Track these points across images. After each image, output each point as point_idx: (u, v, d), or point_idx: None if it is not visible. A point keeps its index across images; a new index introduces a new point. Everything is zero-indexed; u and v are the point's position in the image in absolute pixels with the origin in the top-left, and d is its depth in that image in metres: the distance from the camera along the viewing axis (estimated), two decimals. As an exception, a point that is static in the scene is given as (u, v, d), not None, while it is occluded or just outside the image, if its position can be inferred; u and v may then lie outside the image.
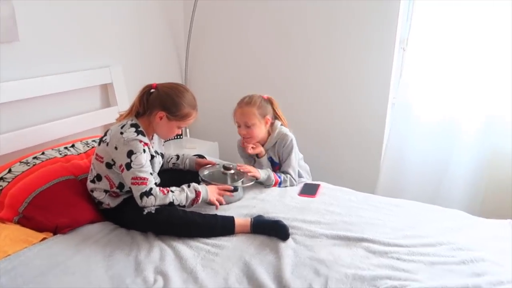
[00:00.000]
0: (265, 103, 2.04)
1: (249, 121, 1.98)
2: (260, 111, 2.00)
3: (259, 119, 2.00)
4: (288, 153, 2.05)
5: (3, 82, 1.95)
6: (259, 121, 2.00)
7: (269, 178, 1.97)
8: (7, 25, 1.93)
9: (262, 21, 2.74)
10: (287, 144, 2.05)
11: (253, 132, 2.00)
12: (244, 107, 1.99)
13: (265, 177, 1.96)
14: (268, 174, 1.97)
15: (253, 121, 1.98)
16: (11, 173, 1.79)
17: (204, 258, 1.45)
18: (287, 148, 2.05)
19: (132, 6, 2.59)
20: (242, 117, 1.99)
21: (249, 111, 1.98)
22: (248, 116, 1.98)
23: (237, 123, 2.04)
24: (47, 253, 1.44)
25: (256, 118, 1.99)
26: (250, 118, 1.98)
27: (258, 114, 1.99)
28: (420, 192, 2.42)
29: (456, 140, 2.31)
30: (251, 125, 1.98)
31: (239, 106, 2.02)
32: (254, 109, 1.98)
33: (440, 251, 1.47)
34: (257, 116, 1.99)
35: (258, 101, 2.01)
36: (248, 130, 2.00)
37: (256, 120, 1.99)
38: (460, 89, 2.25)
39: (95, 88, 2.45)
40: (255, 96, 2.03)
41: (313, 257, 1.44)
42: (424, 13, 2.24)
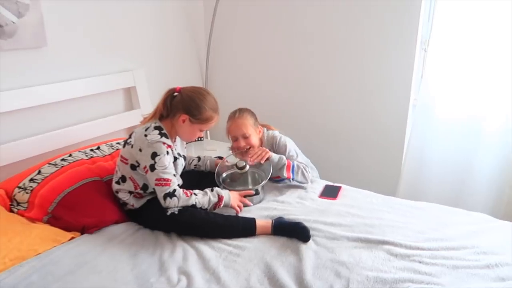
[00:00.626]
0: (251, 112, 2.10)
1: (246, 132, 2.02)
2: (252, 122, 2.06)
3: (254, 128, 2.06)
4: (284, 148, 2.07)
5: (33, 86, 2.03)
6: (255, 130, 2.07)
7: (281, 157, 1.99)
8: (36, 31, 2.01)
9: (281, 23, 2.75)
10: (278, 141, 2.09)
11: (251, 141, 2.04)
12: (239, 119, 2.04)
13: (277, 157, 1.98)
14: (279, 156, 2.00)
15: (250, 130, 2.04)
16: (41, 174, 1.86)
17: (226, 259, 1.48)
18: (280, 144, 2.08)
19: (154, 12, 2.65)
20: (239, 130, 2.03)
21: (244, 122, 2.03)
22: (245, 127, 2.03)
23: (234, 137, 2.07)
24: (75, 252, 1.49)
25: (251, 127, 2.05)
26: (247, 128, 2.03)
27: (253, 123, 2.06)
28: (442, 194, 2.39)
29: (479, 141, 2.27)
30: (249, 135, 2.03)
31: (233, 120, 2.06)
32: (247, 120, 2.04)
33: (464, 254, 1.45)
34: (252, 125, 2.05)
35: (248, 113, 2.07)
36: (246, 140, 2.04)
37: (252, 129, 2.05)
38: (482, 88, 2.21)
39: (119, 92, 2.52)
40: (243, 109, 2.09)
41: (334, 259, 1.44)
42: (445, 13, 2.21)
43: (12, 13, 1.90)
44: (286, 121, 2.79)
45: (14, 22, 1.91)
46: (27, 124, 2.06)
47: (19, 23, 1.93)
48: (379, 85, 2.52)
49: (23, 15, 1.94)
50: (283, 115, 2.86)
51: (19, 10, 1.93)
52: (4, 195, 1.80)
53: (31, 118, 2.07)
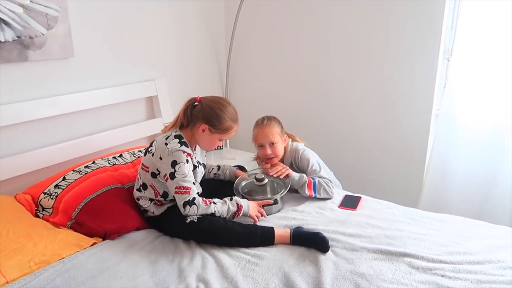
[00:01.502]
0: (279, 123, 2.10)
1: (273, 139, 2.03)
2: (279, 130, 2.07)
3: (280, 136, 2.07)
4: (307, 162, 2.06)
5: (60, 96, 2.10)
6: (281, 138, 2.07)
7: (301, 176, 1.99)
8: (64, 42, 2.08)
9: (301, 34, 2.77)
10: (300, 154, 2.08)
11: (277, 150, 2.05)
12: (266, 127, 2.05)
13: (298, 176, 1.98)
14: (300, 174, 2.00)
15: (277, 138, 2.04)
16: (65, 181, 1.91)
17: (244, 268, 1.48)
18: (302, 158, 2.08)
19: (176, 24, 2.71)
20: (266, 137, 2.04)
21: (271, 130, 2.04)
22: (272, 134, 2.03)
23: (260, 144, 2.07)
24: (97, 258, 1.52)
25: (278, 135, 2.05)
26: (274, 136, 2.03)
27: (280, 131, 2.07)
28: (465, 206, 2.33)
29: (504, 151, 2.21)
30: (276, 143, 2.04)
31: (260, 128, 2.06)
32: (274, 128, 2.05)
33: (488, 269, 1.41)
34: (279, 133, 2.06)
35: (275, 121, 2.08)
36: (272, 148, 2.04)
37: (279, 137, 2.05)
38: (505, 97, 2.16)
39: (141, 101, 2.58)
40: (271, 116, 2.10)
41: (353, 271, 1.42)
42: (468, 22, 2.18)
43: (41, 25, 1.98)
44: (307, 130, 2.79)
45: (43, 34, 1.99)
46: (54, 131, 2.13)
47: (48, 35, 2.01)
48: (401, 94, 2.50)
49: (52, 27, 2.02)
50: (304, 124, 2.86)
51: (48, 23, 2.00)
52: (30, 201, 1.86)
53: (57, 126, 2.14)
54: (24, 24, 1.92)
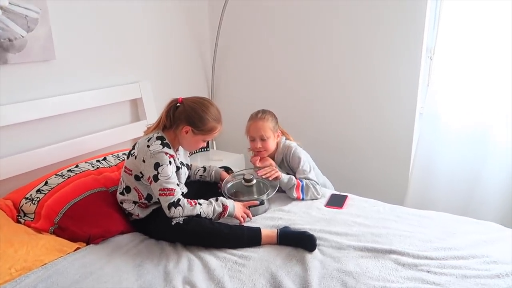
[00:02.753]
0: (274, 116, 2.11)
1: (265, 134, 2.04)
2: (272, 125, 2.07)
3: (273, 132, 2.07)
4: (298, 161, 2.07)
5: (41, 99, 2.06)
6: (273, 134, 2.07)
7: (290, 178, 1.99)
8: (45, 44, 2.04)
9: (286, 34, 2.77)
10: (292, 152, 2.09)
11: (268, 145, 2.06)
12: (259, 121, 2.06)
13: (287, 177, 1.99)
14: (289, 176, 2.00)
15: (269, 134, 2.05)
16: (48, 185, 1.87)
17: (231, 269, 1.47)
18: (294, 156, 2.08)
19: (160, 25, 2.69)
20: (258, 131, 2.05)
21: (264, 125, 2.05)
22: (264, 129, 2.04)
23: (252, 137, 2.08)
24: (81, 263, 1.49)
25: (270, 131, 2.06)
26: (266, 131, 2.04)
27: (272, 127, 2.07)
28: (450, 203, 2.36)
29: (487, 148, 2.24)
30: (267, 138, 2.04)
31: (254, 120, 2.07)
32: (268, 123, 2.05)
33: (473, 264, 1.43)
34: (272, 129, 2.06)
35: (270, 116, 2.09)
36: (263, 143, 2.05)
37: (271, 133, 2.06)
38: (489, 95, 2.19)
39: (125, 103, 2.55)
40: (266, 110, 2.11)
41: (340, 269, 1.42)
42: (451, 21, 2.21)
43: (21, 27, 1.94)
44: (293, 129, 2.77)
45: (23, 36, 1.95)
46: (36, 135, 2.09)
47: (28, 37, 1.97)
48: (385, 93, 2.52)
49: (32, 29, 1.98)
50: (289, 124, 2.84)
51: (28, 25, 1.97)
52: (11, 206, 1.81)
53: (39, 129, 2.10)
54: (2, 26, 1.88)
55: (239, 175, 2.04)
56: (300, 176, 2.05)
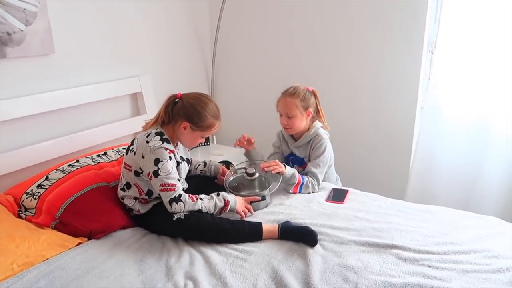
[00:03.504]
0: (309, 96, 2.03)
1: (290, 112, 1.99)
2: (303, 104, 2.00)
3: (301, 111, 2.00)
4: (318, 154, 2.03)
5: (41, 93, 2.05)
6: (301, 113, 2.01)
7: (293, 175, 1.96)
8: (44, 38, 2.03)
9: (285, 29, 2.76)
10: (319, 145, 2.04)
11: (294, 123, 2.01)
12: (288, 97, 2.00)
13: (290, 173, 1.95)
14: (293, 172, 1.97)
15: (295, 112, 1.99)
16: (48, 180, 1.87)
17: (232, 264, 1.47)
18: (318, 149, 2.04)
19: (160, 19, 2.67)
20: (284, 107, 2.01)
21: (292, 102, 1.99)
22: (290, 107, 1.99)
23: (279, 112, 2.05)
24: (83, 258, 1.49)
25: (298, 110, 1.99)
26: (292, 109, 1.99)
27: (301, 106, 2.00)
28: (451, 197, 2.36)
29: (488, 142, 2.24)
30: (293, 116, 1.99)
31: (283, 96, 2.03)
32: (297, 101, 1.99)
33: (474, 258, 1.43)
34: (299, 108, 2.00)
35: (302, 93, 2.01)
36: (289, 120, 2.01)
37: (298, 112, 2.00)
38: (490, 89, 2.19)
39: (126, 97, 2.54)
40: (300, 88, 2.03)
41: (342, 264, 1.43)
42: (452, 14, 2.20)
43: (19, 21, 1.92)
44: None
45: (22, 30, 1.94)
46: (35, 130, 2.08)
47: (27, 31, 1.96)
48: (386, 87, 2.51)
49: (31, 23, 1.97)
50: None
51: (26, 18, 1.95)
52: (12, 201, 1.81)
53: (39, 124, 2.09)
54: (1, 20, 1.86)
55: (240, 169, 2.03)
56: (311, 167, 2.03)
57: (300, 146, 2.09)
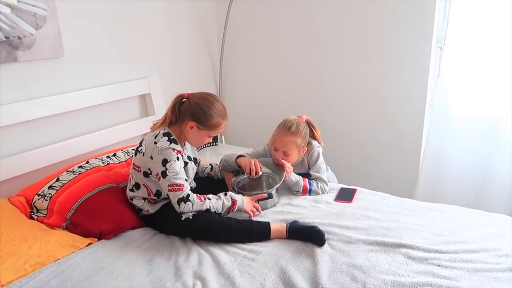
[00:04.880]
0: (307, 131, 2.00)
1: (289, 151, 1.95)
2: (302, 142, 1.96)
3: (299, 149, 1.97)
4: (316, 158, 2.03)
5: (51, 96, 2.08)
6: (298, 151, 1.98)
7: (297, 183, 1.96)
8: (53, 42, 2.06)
9: (293, 27, 2.75)
10: (313, 150, 2.04)
11: (289, 160, 1.98)
12: (289, 136, 1.93)
13: (294, 180, 1.95)
14: (297, 180, 1.97)
15: (293, 151, 1.96)
16: (59, 182, 1.90)
17: (241, 263, 1.48)
18: (312, 156, 2.04)
19: (168, 20, 2.69)
20: (282, 146, 1.95)
21: (293, 141, 1.93)
22: (290, 146, 1.94)
23: (275, 147, 1.99)
24: (93, 258, 1.51)
25: (296, 148, 1.96)
26: (291, 148, 1.95)
27: (300, 145, 1.96)
28: (461, 195, 2.34)
29: (498, 141, 2.22)
30: (290, 155, 1.96)
31: (284, 132, 1.95)
32: (298, 140, 1.94)
33: (484, 257, 1.42)
34: (298, 146, 1.96)
35: (303, 132, 1.96)
36: (285, 157, 1.97)
37: (296, 150, 1.96)
38: (500, 87, 2.17)
39: (134, 99, 2.56)
40: (300, 124, 1.97)
41: (350, 263, 1.42)
42: (461, 11, 2.18)
43: (30, 25, 1.95)
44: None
45: (32, 34, 1.97)
46: (46, 132, 2.11)
47: (37, 35, 1.99)
48: (395, 85, 2.49)
49: (41, 27, 2.00)
50: (297, 118, 2.84)
51: (36, 22, 1.98)
52: (24, 203, 1.85)
53: (50, 126, 2.12)
54: (11, 24, 1.89)
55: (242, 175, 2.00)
56: (314, 172, 2.03)
57: (297, 163, 2.06)
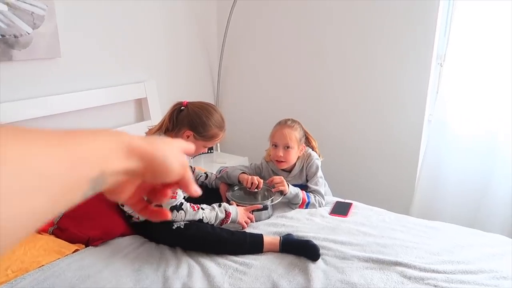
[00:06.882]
0: (302, 129, 2.00)
1: (290, 143, 1.91)
2: (299, 136, 1.95)
3: (298, 144, 1.95)
4: (315, 170, 2.00)
5: (46, 96, 2.04)
6: (298, 146, 1.95)
7: (296, 196, 1.91)
8: (50, 42, 2.02)
9: (294, 39, 2.74)
10: (311, 164, 2.00)
11: (290, 156, 1.93)
12: (287, 128, 1.92)
13: (293, 193, 1.91)
14: (296, 192, 1.93)
15: (294, 143, 1.92)
16: (48, 185, 1.85)
17: (231, 277, 1.43)
18: (311, 167, 2.00)
19: (167, 25, 2.67)
20: (283, 139, 1.92)
21: (291, 133, 1.92)
22: (290, 138, 1.91)
23: (275, 143, 1.95)
24: (79, 265, 1.46)
25: (296, 142, 1.93)
26: (291, 140, 1.91)
27: (298, 138, 1.95)
28: (457, 213, 2.31)
29: (497, 158, 2.19)
30: (291, 147, 1.92)
31: (282, 127, 1.95)
32: (296, 133, 1.93)
33: (482, 279, 1.38)
34: (297, 140, 1.94)
35: (298, 127, 1.97)
36: (285, 152, 1.92)
37: (296, 144, 1.94)
38: (499, 104, 2.15)
39: (130, 103, 2.52)
40: (296, 121, 1.99)
41: (344, 280, 1.38)
42: (462, 28, 2.17)
43: (27, 24, 1.92)
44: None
45: (29, 33, 1.94)
46: (38, 133, 2.07)
47: (33, 34, 1.95)
48: (393, 100, 2.47)
49: (38, 26, 1.97)
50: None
51: (34, 21, 1.95)
52: (11, 205, 1.79)
53: (43, 127, 2.07)
54: (8, 23, 1.86)
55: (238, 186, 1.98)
56: (312, 185, 1.98)
57: (295, 174, 2.02)
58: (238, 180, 1.94)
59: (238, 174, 1.94)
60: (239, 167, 2.03)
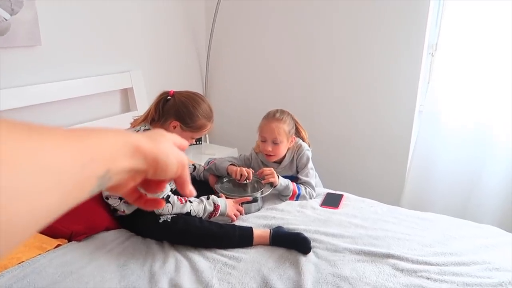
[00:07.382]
0: (291, 120, 1.94)
1: (278, 138, 1.85)
2: (288, 129, 1.89)
3: (287, 137, 1.89)
4: (306, 162, 1.96)
5: (26, 86, 1.96)
6: (287, 139, 1.90)
7: (287, 187, 1.87)
8: (30, 29, 1.93)
9: (283, 30, 2.68)
10: (301, 155, 1.95)
11: (279, 150, 1.88)
12: (275, 122, 1.86)
13: (283, 185, 1.86)
14: (287, 183, 1.89)
15: (282, 137, 1.86)
16: (29, 178, 1.77)
17: (220, 271, 1.39)
18: (302, 159, 1.95)
19: (153, 12, 2.58)
20: (271, 133, 1.86)
21: (279, 127, 1.85)
22: (278, 132, 1.85)
23: (263, 137, 1.90)
24: (61, 261, 1.40)
25: (285, 135, 1.88)
26: (279, 134, 1.85)
27: (287, 131, 1.89)
28: (448, 204, 2.30)
29: (488, 150, 2.18)
30: (280, 142, 1.87)
31: (269, 121, 1.88)
32: (284, 126, 1.87)
33: (475, 271, 1.36)
34: (286, 133, 1.88)
35: (287, 119, 1.90)
36: (274, 147, 1.87)
37: (285, 138, 1.88)
38: (490, 95, 2.13)
39: (116, 93, 2.45)
40: (285, 112, 1.92)
41: (335, 273, 1.35)
42: (453, 17, 2.14)
43: (4, 9, 1.83)
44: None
45: (6, 19, 1.84)
46: (19, 125, 1.99)
47: (12, 21, 1.86)
48: (384, 91, 2.44)
49: (16, 12, 1.87)
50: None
51: (12, 7, 1.86)
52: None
53: (23, 118, 2.00)
54: (-16, 8, 1.77)
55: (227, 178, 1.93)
56: (303, 176, 1.94)
57: (286, 165, 1.98)
58: (226, 171, 1.89)
59: (226, 166, 1.90)
60: (228, 159, 1.99)
